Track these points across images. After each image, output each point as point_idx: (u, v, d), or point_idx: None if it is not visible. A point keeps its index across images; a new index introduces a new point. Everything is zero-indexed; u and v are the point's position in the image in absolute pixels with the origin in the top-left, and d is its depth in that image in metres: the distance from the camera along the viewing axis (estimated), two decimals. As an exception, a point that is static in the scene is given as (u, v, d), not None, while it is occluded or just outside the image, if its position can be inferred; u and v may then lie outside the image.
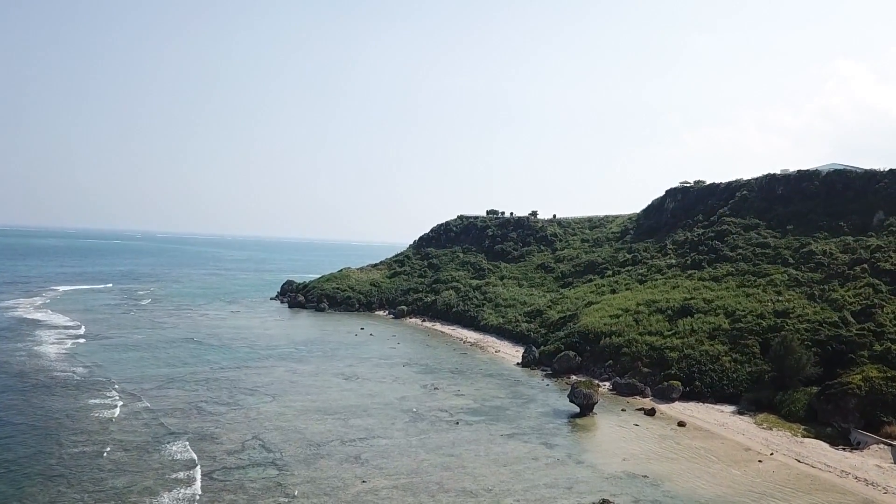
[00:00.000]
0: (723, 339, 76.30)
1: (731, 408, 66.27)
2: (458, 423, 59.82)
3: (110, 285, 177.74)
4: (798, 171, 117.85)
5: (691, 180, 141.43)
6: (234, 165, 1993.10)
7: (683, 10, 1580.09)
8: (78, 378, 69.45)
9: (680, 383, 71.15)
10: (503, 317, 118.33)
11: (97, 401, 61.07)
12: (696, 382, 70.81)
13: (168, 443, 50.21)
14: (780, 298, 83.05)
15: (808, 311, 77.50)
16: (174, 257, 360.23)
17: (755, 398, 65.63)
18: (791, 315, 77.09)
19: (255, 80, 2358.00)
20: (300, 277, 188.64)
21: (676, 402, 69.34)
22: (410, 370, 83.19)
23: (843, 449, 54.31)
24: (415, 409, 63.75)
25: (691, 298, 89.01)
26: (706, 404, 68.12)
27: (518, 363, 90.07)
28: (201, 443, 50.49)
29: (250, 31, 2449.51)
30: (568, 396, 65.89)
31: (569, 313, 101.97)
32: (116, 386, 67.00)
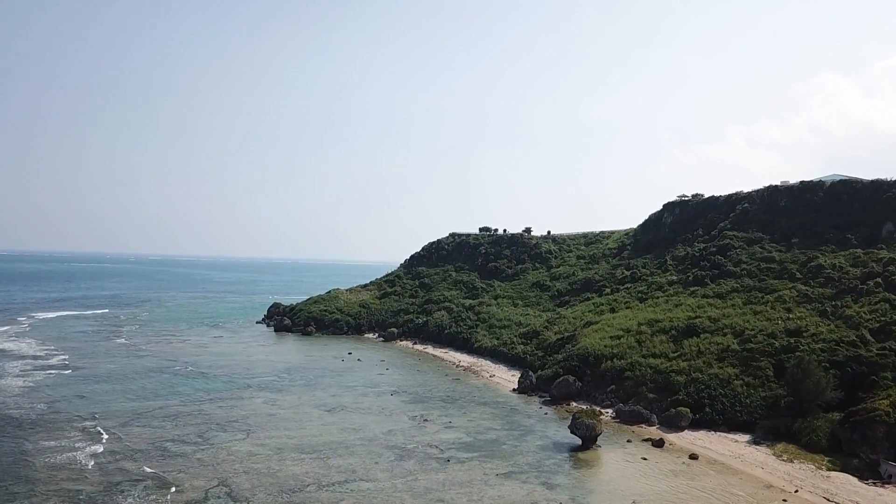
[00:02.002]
0: (732, 361, 71.28)
1: (746, 437, 61.07)
2: (448, 460, 54.41)
3: (92, 311, 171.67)
4: (801, 182, 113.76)
5: (689, 194, 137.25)
6: (227, 185, 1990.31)
7: (670, 28, 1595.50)
8: (35, 416, 63.74)
9: (689, 410, 65.95)
10: (498, 338, 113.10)
11: (52, 442, 55.47)
12: (707, 409, 65.61)
13: (122, 492, 44.73)
14: (791, 316, 78.28)
15: (821, 329, 72.71)
16: (163, 280, 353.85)
17: (772, 426, 60.46)
18: (804, 334, 72.27)
19: (246, 97, 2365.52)
20: (291, 299, 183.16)
21: (686, 431, 64.13)
22: (399, 399, 77.75)
23: (875, 483, 49.20)
24: (402, 445, 58.32)
25: (696, 317, 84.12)
26: (718, 433, 62.90)
27: (514, 389, 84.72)
28: (159, 491, 45.00)
29: (237, 50, 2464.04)
30: (569, 427, 60.59)
31: (567, 334, 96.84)
32: (76, 424, 61.45)
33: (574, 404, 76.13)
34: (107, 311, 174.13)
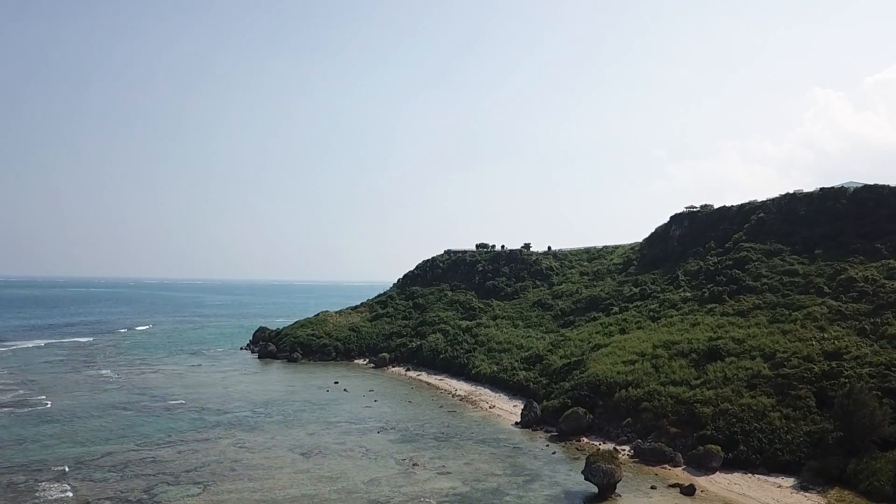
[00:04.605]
0: (766, 390, 62.35)
1: (790, 480, 52.03)
2: (440, 519, 45.35)
3: (72, 339, 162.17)
4: (820, 189, 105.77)
5: (697, 205, 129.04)
6: (222, 207, 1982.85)
7: (665, 44, 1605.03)
8: (-44, 468, 54.58)
9: (720, 448, 56.87)
10: (497, 363, 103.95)
11: (-35, 504, 46.37)
12: (741, 447, 56.51)
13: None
14: (826, 336, 69.60)
15: (864, 350, 63.99)
16: (154, 304, 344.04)
17: (821, 467, 51.41)
18: (846, 356, 63.56)
19: (242, 124, 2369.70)
20: (281, 322, 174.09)
21: (718, 474, 55.04)
22: (386, 438, 68.49)
23: (960, 544, 40.23)
24: (386, 499, 49.17)
25: (718, 338, 75.32)
26: (756, 475, 53.83)
27: (517, 423, 75.49)
28: (76, 574, 35.92)
29: (243, 68, 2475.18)
30: (583, 473, 51.44)
31: (574, 359, 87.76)
32: (2, 479, 52.19)
33: (585, 440, 67.14)
34: (87, 339, 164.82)
